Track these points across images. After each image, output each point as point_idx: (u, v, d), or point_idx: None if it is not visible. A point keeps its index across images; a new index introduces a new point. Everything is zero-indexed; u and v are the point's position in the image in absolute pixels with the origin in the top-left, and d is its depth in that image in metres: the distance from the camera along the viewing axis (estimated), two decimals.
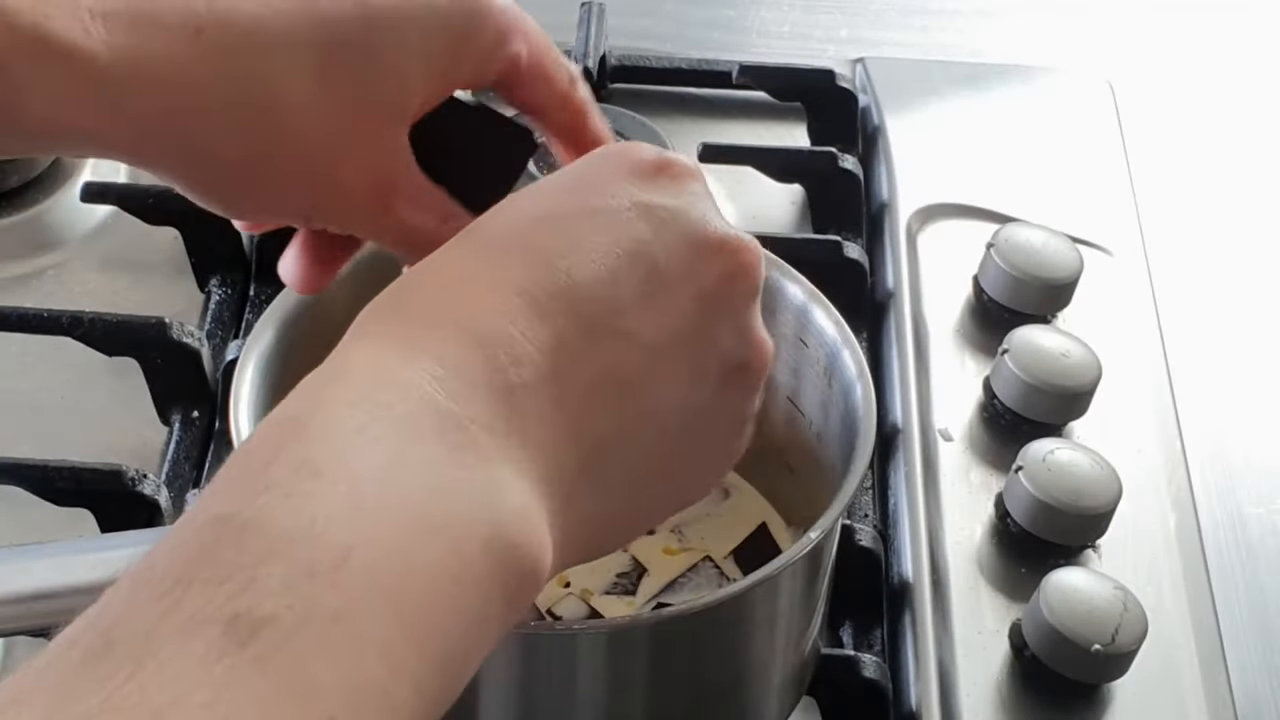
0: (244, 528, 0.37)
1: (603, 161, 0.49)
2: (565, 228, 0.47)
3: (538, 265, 0.45)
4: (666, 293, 0.47)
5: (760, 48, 1.00)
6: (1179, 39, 1.02)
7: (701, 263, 0.48)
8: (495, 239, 0.47)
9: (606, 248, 0.46)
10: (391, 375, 0.42)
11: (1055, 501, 0.69)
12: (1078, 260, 0.80)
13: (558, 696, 0.57)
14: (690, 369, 0.48)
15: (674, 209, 0.48)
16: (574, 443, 0.44)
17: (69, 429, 0.78)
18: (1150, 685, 0.67)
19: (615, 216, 0.47)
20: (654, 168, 0.49)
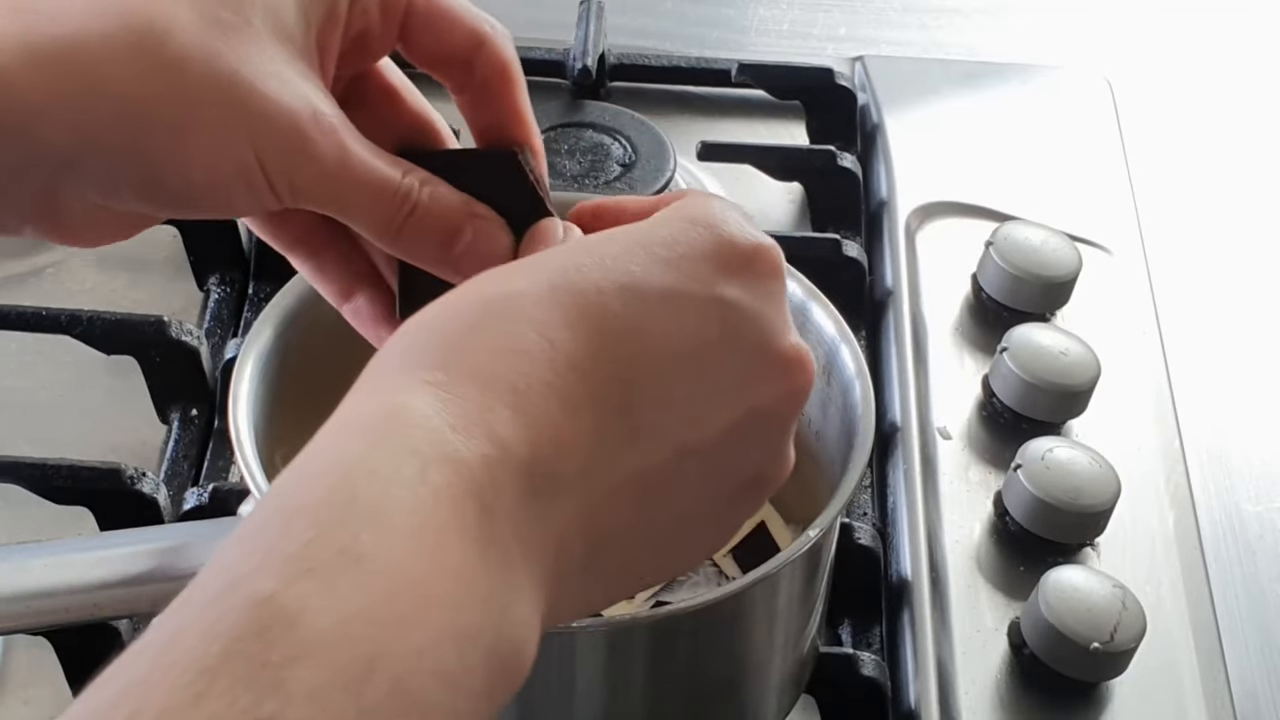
0: (276, 620, 0.36)
1: (697, 233, 0.46)
2: (638, 304, 0.44)
3: (602, 343, 0.43)
4: (714, 402, 0.45)
5: (759, 46, 1.00)
6: (1178, 38, 1.02)
7: (763, 379, 0.46)
8: (563, 290, 0.44)
9: (671, 342, 0.44)
10: (446, 443, 0.40)
11: (1054, 500, 0.69)
12: (1076, 259, 0.80)
13: (556, 695, 0.57)
14: (715, 479, 0.46)
15: (752, 313, 0.46)
16: (586, 538, 0.43)
17: (68, 427, 0.78)
18: (1149, 683, 0.67)
19: (694, 306, 0.45)
20: (745, 259, 0.46)
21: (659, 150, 0.87)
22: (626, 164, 0.86)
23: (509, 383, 0.42)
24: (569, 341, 0.43)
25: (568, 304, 0.44)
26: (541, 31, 0.95)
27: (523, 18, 0.97)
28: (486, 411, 0.41)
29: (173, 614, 0.36)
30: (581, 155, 0.87)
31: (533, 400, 0.42)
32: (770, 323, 0.46)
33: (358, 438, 0.40)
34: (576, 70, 0.92)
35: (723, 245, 0.46)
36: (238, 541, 0.38)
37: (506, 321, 0.43)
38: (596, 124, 0.88)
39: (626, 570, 0.46)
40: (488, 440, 0.40)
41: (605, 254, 0.45)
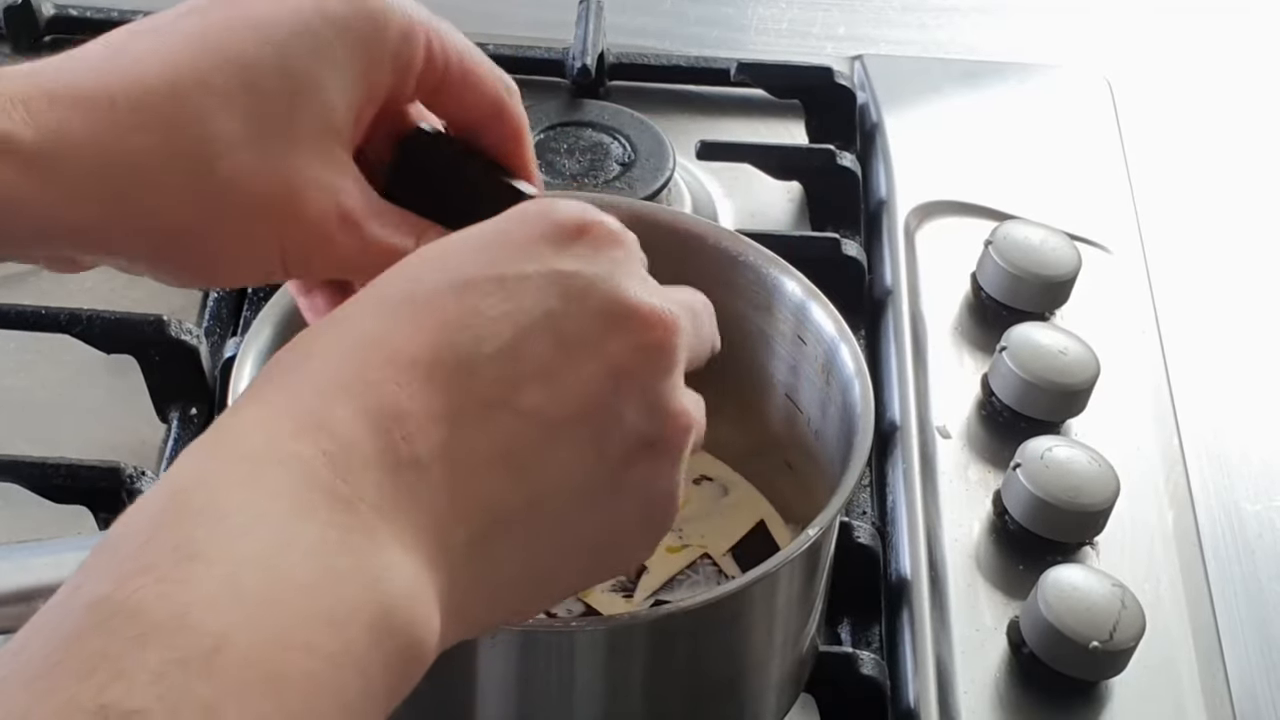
0: (114, 614, 0.36)
1: (521, 222, 0.48)
2: (472, 296, 0.45)
3: (439, 335, 0.44)
4: (570, 368, 0.45)
5: (758, 45, 1.00)
6: (1177, 37, 1.02)
7: (611, 336, 0.46)
8: (400, 302, 0.45)
9: (512, 319, 0.45)
10: (281, 448, 0.41)
11: (1053, 499, 0.70)
12: (1076, 258, 0.80)
13: (556, 694, 0.57)
14: (593, 446, 0.46)
15: (589, 278, 0.46)
16: (465, 519, 0.43)
17: (67, 426, 0.78)
18: (1148, 682, 0.67)
19: (525, 285, 0.46)
20: (574, 231, 0.47)
21: (658, 149, 0.87)
22: (626, 163, 0.86)
23: (346, 386, 0.43)
24: (410, 343, 0.44)
25: (408, 312, 0.45)
26: (541, 31, 0.96)
27: (523, 17, 0.98)
28: (323, 413, 0.42)
29: (20, 632, 0.37)
30: (581, 154, 0.87)
31: (374, 397, 0.42)
32: (615, 284, 0.46)
33: (193, 458, 0.41)
34: (576, 69, 0.92)
35: (552, 225, 0.47)
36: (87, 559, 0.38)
37: (343, 337, 0.45)
38: (596, 123, 0.88)
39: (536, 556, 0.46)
40: (327, 437, 0.41)
41: (439, 258, 0.47)
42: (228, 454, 0.41)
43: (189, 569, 0.37)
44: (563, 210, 0.48)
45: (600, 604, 0.65)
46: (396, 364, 0.43)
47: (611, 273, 0.47)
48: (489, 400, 0.44)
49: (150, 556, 0.37)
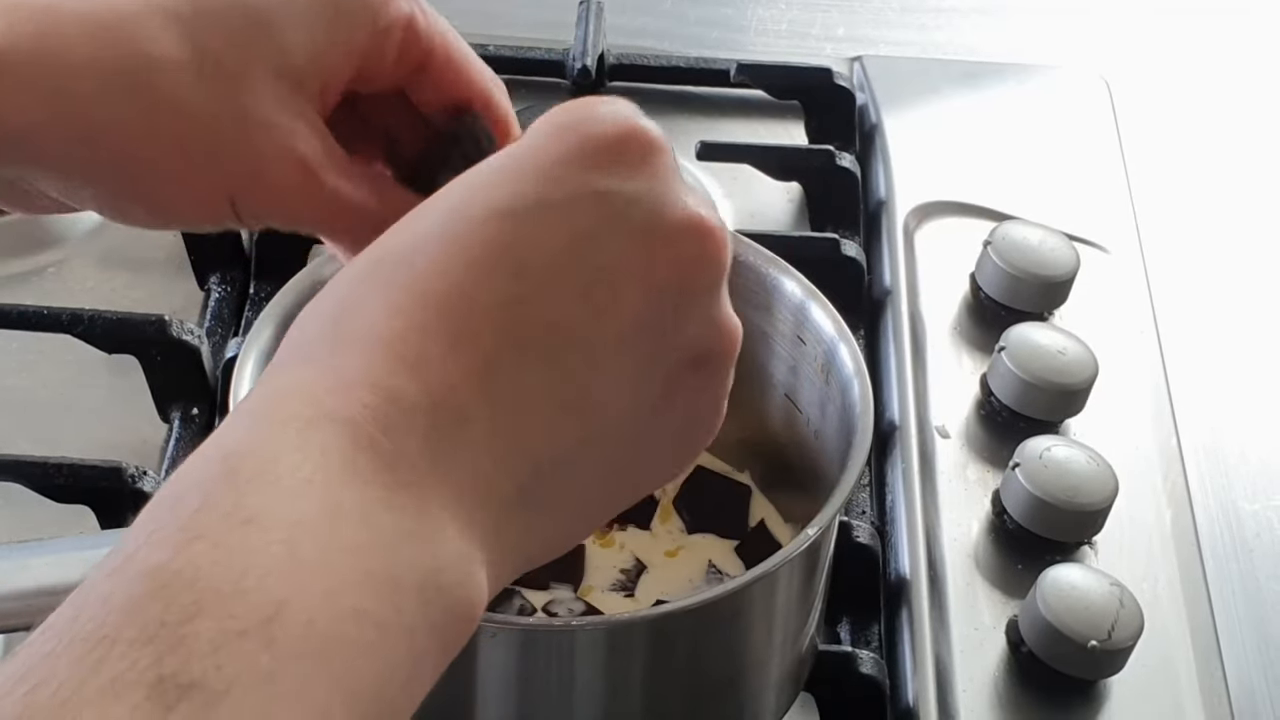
0: (171, 581, 0.35)
1: (557, 139, 0.45)
2: (507, 227, 0.43)
3: (475, 275, 0.42)
4: (615, 292, 0.43)
5: (758, 46, 1.01)
6: (1175, 37, 1.02)
7: (657, 254, 0.44)
8: (433, 241, 0.44)
9: (549, 248, 0.43)
10: (325, 407, 0.40)
11: (1052, 498, 0.70)
12: (1074, 258, 0.81)
13: (556, 693, 0.57)
14: (645, 368, 0.44)
15: (631, 195, 0.44)
16: (513, 464, 0.42)
17: (69, 426, 0.78)
18: (1146, 681, 0.67)
19: (563, 209, 0.43)
20: (614, 145, 0.44)
21: None
22: None
23: (384, 338, 0.41)
24: (442, 283, 0.42)
25: (435, 249, 0.43)
26: (541, 31, 0.96)
27: (523, 18, 0.98)
28: (365, 369, 0.41)
29: (75, 595, 0.36)
30: None
31: (412, 347, 0.41)
32: (656, 199, 0.44)
33: (239, 421, 0.41)
34: (576, 70, 0.92)
35: (588, 142, 0.44)
36: (134, 526, 0.38)
37: (378, 285, 0.43)
38: None
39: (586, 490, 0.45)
40: (369, 392, 0.40)
41: (473, 188, 0.45)
42: (271, 418, 0.40)
43: (244, 534, 0.37)
44: (599, 123, 0.45)
45: (601, 603, 0.65)
46: (429, 310, 0.42)
47: (652, 187, 0.44)
48: (531, 341, 0.42)
49: (205, 523, 0.37)
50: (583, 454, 0.44)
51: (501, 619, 0.60)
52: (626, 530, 0.68)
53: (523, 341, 0.42)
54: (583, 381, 0.43)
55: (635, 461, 0.46)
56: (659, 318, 0.44)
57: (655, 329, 0.44)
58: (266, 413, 0.41)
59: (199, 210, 0.53)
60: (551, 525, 0.45)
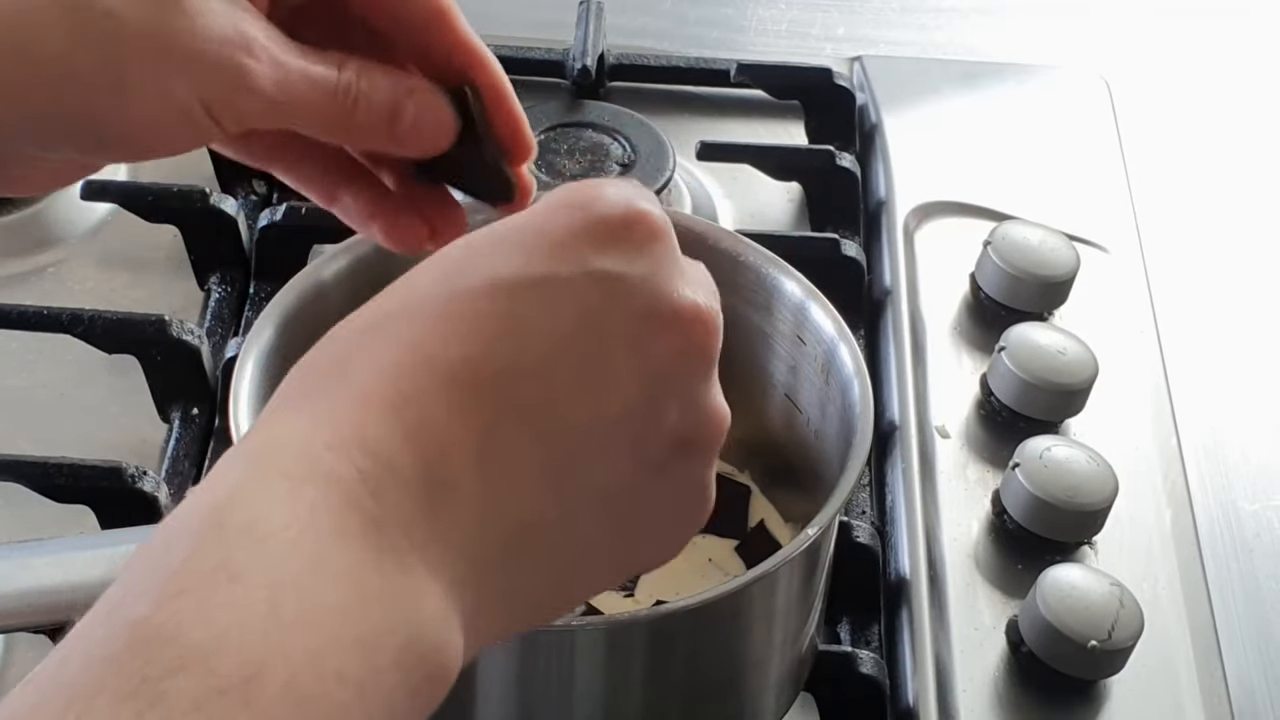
0: (153, 636, 0.35)
1: (564, 213, 0.45)
2: (510, 300, 0.43)
3: (477, 346, 0.43)
4: (611, 373, 0.44)
5: (758, 46, 1.01)
6: (1175, 37, 1.02)
7: (653, 340, 0.45)
8: (436, 306, 0.44)
9: (552, 325, 0.43)
10: (319, 465, 0.40)
11: (1052, 498, 0.70)
12: (1074, 258, 0.81)
13: (556, 693, 0.57)
14: (631, 451, 0.45)
15: (632, 280, 0.44)
16: (497, 531, 0.42)
17: (69, 426, 0.78)
18: (1146, 681, 0.67)
19: (567, 287, 0.44)
20: (617, 227, 0.45)
21: (658, 150, 0.87)
22: (626, 164, 0.86)
23: (385, 398, 0.42)
24: (447, 353, 0.43)
25: (439, 314, 0.43)
26: (541, 31, 0.96)
27: (523, 18, 0.98)
28: (361, 428, 0.41)
29: (63, 643, 0.36)
30: (581, 155, 0.87)
31: (412, 410, 0.41)
32: (656, 285, 0.45)
33: (234, 469, 0.41)
34: (576, 70, 0.92)
35: (593, 222, 0.45)
36: (122, 574, 0.38)
37: (380, 343, 0.43)
38: (596, 124, 0.89)
39: (570, 561, 0.45)
40: (363, 454, 0.40)
41: (477, 254, 0.45)
42: (265, 469, 0.40)
43: (229, 591, 0.37)
44: (605, 203, 0.45)
45: (601, 603, 0.65)
46: (434, 375, 0.42)
47: (654, 272, 0.45)
48: (527, 410, 0.43)
49: (190, 577, 0.37)
50: (563, 526, 0.44)
51: None
52: None
53: (519, 414, 0.43)
54: (572, 460, 0.44)
55: (618, 540, 0.46)
56: (650, 401, 0.45)
57: (645, 411, 0.45)
58: (259, 463, 0.41)
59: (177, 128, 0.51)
60: (531, 594, 0.45)
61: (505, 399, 0.43)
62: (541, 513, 0.43)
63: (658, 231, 0.45)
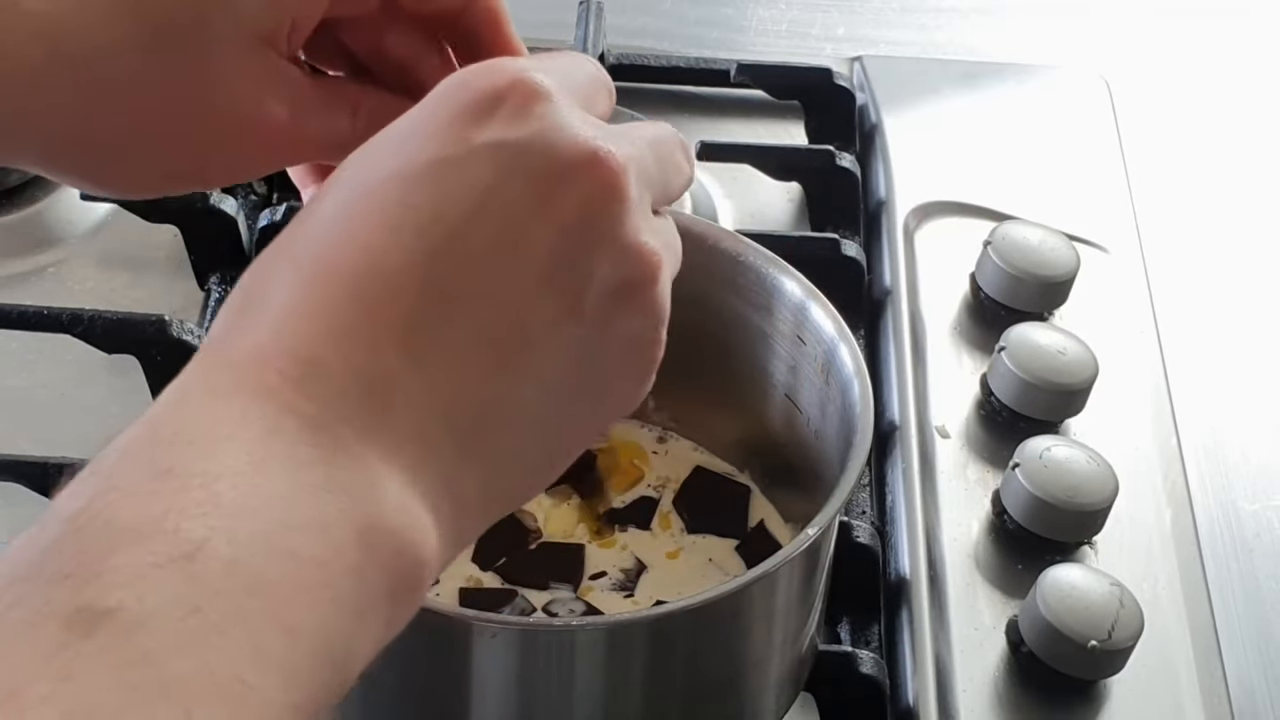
0: (87, 525, 0.36)
1: (442, 102, 0.45)
2: (408, 193, 0.43)
3: (383, 239, 0.43)
4: (524, 238, 0.44)
5: (758, 46, 1.01)
6: (1175, 37, 1.02)
7: (554, 195, 0.44)
8: (337, 212, 0.44)
9: (454, 206, 0.43)
10: (247, 378, 0.40)
11: (1052, 498, 0.70)
12: (1074, 258, 0.81)
13: (556, 693, 0.57)
14: (569, 310, 0.44)
15: (518, 143, 0.44)
16: (449, 416, 0.42)
17: (69, 426, 0.78)
18: (1146, 681, 0.67)
19: (458, 168, 0.44)
20: (494, 98, 0.44)
21: None
22: None
23: (300, 311, 0.42)
24: (356, 253, 0.43)
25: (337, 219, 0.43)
26: (541, 31, 0.95)
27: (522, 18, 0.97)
28: (285, 341, 0.41)
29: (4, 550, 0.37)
30: None
31: (328, 316, 0.42)
32: (546, 142, 0.44)
33: (163, 398, 0.41)
34: None
35: (470, 99, 0.45)
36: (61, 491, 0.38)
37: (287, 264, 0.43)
38: None
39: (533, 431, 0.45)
40: (291, 362, 0.40)
41: (368, 156, 0.45)
42: (192, 391, 0.41)
43: (162, 483, 0.37)
44: (476, 79, 0.45)
45: (601, 603, 0.65)
46: (347, 278, 0.42)
47: (539, 131, 0.44)
48: (447, 295, 0.43)
49: (122, 474, 0.37)
50: (521, 396, 0.44)
51: (501, 619, 0.60)
52: (627, 531, 0.68)
53: (440, 296, 0.43)
54: (505, 329, 0.43)
55: (580, 397, 0.46)
56: (571, 257, 0.44)
57: (572, 268, 0.44)
58: (185, 388, 0.41)
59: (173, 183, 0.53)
60: (508, 474, 0.45)
61: (423, 286, 0.42)
62: (488, 387, 0.43)
63: (535, 92, 0.45)
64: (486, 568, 0.66)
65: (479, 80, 0.45)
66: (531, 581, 0.65)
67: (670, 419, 0.71)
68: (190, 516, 0.36)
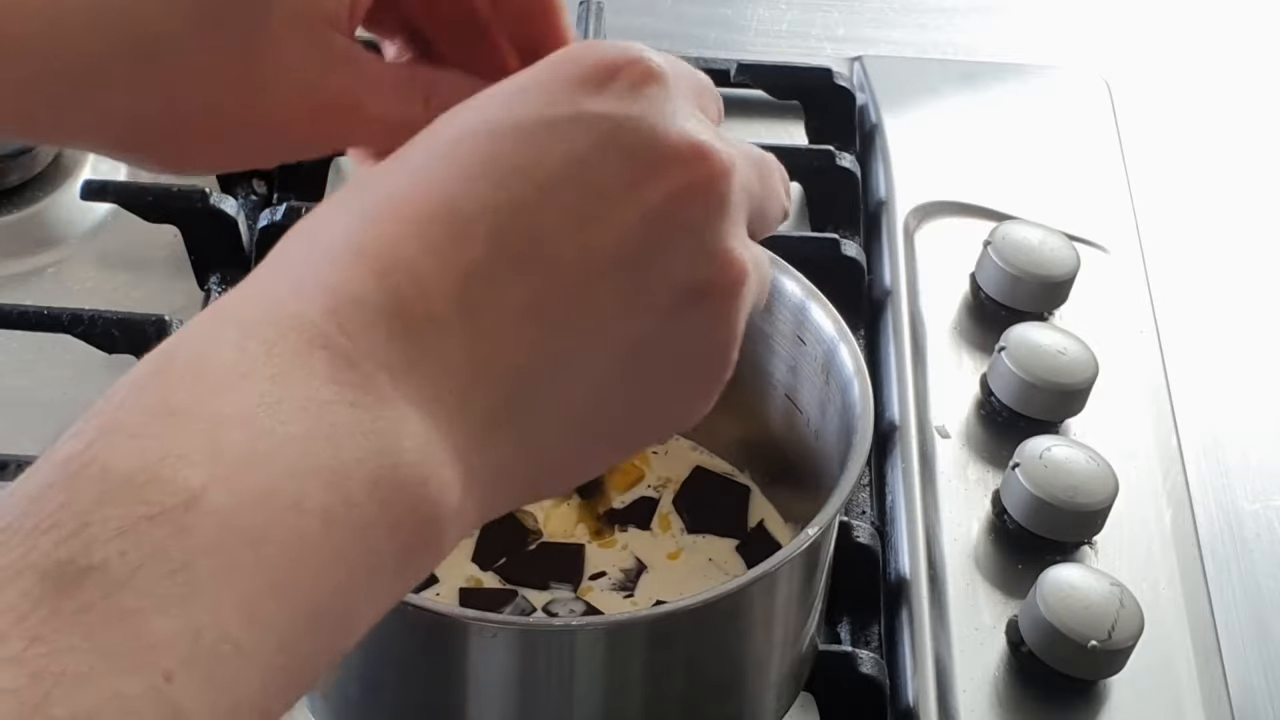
0: (80, 471, 0.34)
1: (552, 68, 0.44)
2: (497, 145, 0.42)
3: (459, 186, 0.41)
4: (604, 214, 0.42)
5: (758, 46, 1.01)
6: (1175, 37, 1.02)
7: (647, 180, 0.42)
8: (421, 158, 0.43)
9: (537, 167, 0.42)
10: (280, 308, 0.38)
11: (1052, 498, 0.70)
12: (1074, 258, 0.81)
13: (556, 693, 0.57)
14: (634, 297, 0.43)
15: (622, 119, 0.43)
16: (491, 380, 0.40)
17: (68, 426, 0.78)
18: (1146, 681, 0.67)
19: (554, 130, 0.42)
20: (607, 72, 0.43)
21: None
22: None
23: (359, 247, 0.40)
24: (428, 197, 0.41)
25: (426, 166, 0.42)
26: None
27: None
28: (331, 273, 0.39)
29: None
30: None
31: (387, 253, 0.40)
32: (651, 124, 0.43)
33: (191, 325, 0.39)
34: None
35: (584, 68, 0.43)
36: None
37: (357, 197, 0.42)
38: None
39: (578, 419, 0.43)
40: (332, 295, 0.39)
41: (466, 109, 0.44)
42: (218, 319, 0.39)
43: (164, 424, 0.35)
44: (595, 51, 0.44)
45: (601, 603, 0.65)
46: (412, 218, 0.41)
47: (646, 112, 0.43)
48: (513, 253, 0.41)
49: (125, 415, 0.36)
50: (566, 377, 0.42)
51: (501, 619, 0.60)
52: (627, 531, 0.68)
53: (504, 253, 0.41)
54: (566, 301, 0.42)
55: (633, 397, 0.44)
56: (650, 243, 0.43)
57: (646, 255, 0.43)
58: (212, 315, 0.39)
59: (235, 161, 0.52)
60: (543, 456, 0.43)
61: (489, 240, 0.41)
62: (537, 355, 0.41)
63: (653, 74, 0.44)
64: (486, 568, 0.66)
65: (595, 52, 0.44)
66: (531, 581, 0.65)
67: None
68: (190, 464, 0.34)
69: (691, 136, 0.43)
